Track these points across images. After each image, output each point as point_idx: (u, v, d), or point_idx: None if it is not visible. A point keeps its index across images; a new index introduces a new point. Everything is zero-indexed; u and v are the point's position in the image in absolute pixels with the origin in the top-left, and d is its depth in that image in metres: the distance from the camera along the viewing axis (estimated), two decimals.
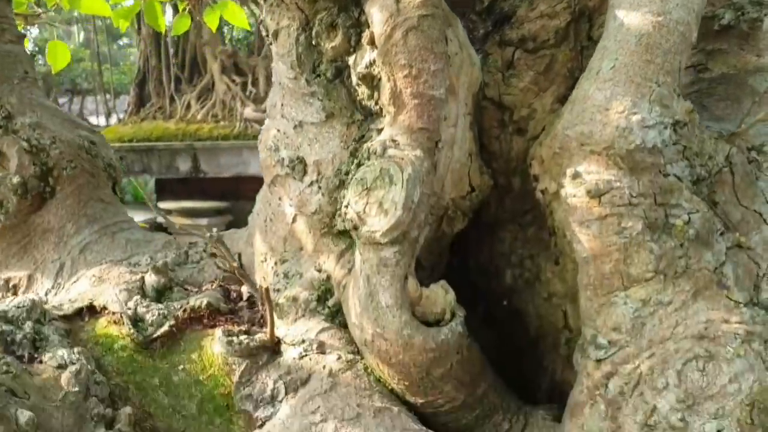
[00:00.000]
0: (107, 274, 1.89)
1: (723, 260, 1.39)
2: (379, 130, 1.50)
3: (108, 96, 13.79)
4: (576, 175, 1.37)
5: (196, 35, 11.54)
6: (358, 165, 1.47)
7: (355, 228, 1.41)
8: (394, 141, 1.41)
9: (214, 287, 1.91)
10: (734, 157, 1.50)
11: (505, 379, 1.72)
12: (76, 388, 1.39)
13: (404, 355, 1.44)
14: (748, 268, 1.42)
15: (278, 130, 1.72)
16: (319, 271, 1.71)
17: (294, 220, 1.74)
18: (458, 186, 1.54)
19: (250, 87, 10.38)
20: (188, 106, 10.99)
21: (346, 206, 1.42)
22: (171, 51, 11.38)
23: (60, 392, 1.38)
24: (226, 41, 11.66)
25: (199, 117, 10.61)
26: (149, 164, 9.98)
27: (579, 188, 1.37)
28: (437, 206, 1.51)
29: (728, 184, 1.49)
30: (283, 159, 1.70)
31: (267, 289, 1.56)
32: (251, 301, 1.88)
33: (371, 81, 1.46)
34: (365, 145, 1.49)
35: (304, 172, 1.68)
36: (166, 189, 10.11)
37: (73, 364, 1.42)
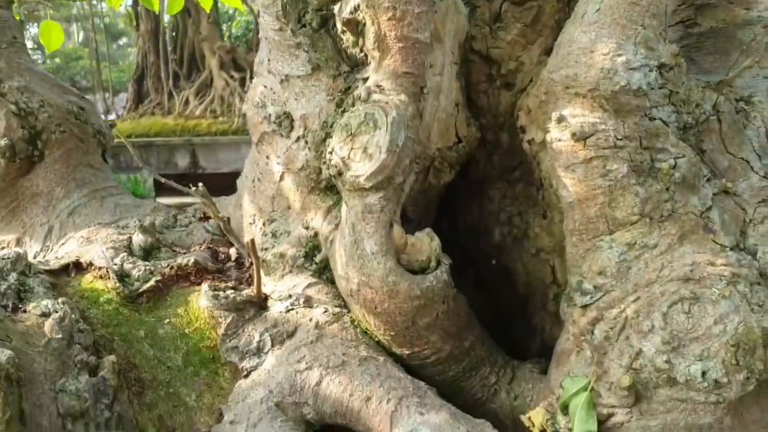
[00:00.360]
0: (95, 235, 1.88)
1: (709, 205, 1.38)
2: (365, 80, 1.50)
3: (107, 94, 13.78)
4: (561, 119, 1.36)
5: (194, 31, 11.55)
6: (343, 112, 1.47)
7: (340, 174, 1.40)
8: (379, 86, 1.40)
9: (202, 249, 1.91)
10: (722, 105, 1.49)
11: (496, 342, 1.71)
12: (60, 335, 1.38)
13: (389, 304, 1.43)
14: (735, 213, 1.41)
15: (265, 87, 1.72)
16: (307, 228, 1.70)
17: (281, 178, 1.74)
18: (445, 136, 1.53)
19: (248, 83, 10.36)
20: (187, 102, 10.99)
21: (331, 152, 1.42)
22: (169, 47, 11.39)
23: (43, 339, 1.37)
24: (225, 37, 11.66)
25: (197, 113, 10.62)
26: (148, 160, 9.98)
27: (564, 132, 1.36)
28: (423, 156, 1.50)
29: (715, 132, 1.48)
30: (269, 115, 1.70)
31: (252, 241, 1.55)
32: (239, 262, 1.88)
33: (356, 27, 1.46)
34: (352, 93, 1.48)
35: (291, 128, 1.67)
36: (164, 184, 10.12)
37: (57, 312, 1.42)
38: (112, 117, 13.19)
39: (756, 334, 1.26)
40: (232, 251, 1.91)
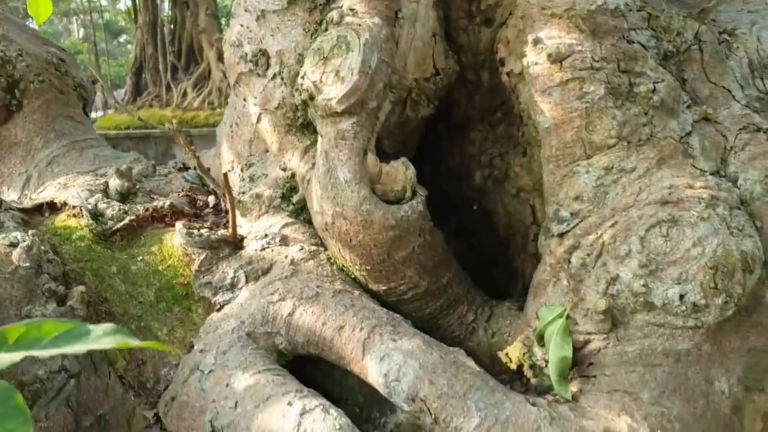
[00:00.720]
0: (72, 181, 1.85)
1: (689, 130, 1.35)
2: (340, 7, 1.47)
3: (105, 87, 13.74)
4: (537, 41, 1.34)
5: (192, 23, 11.53)
6: (316, 38, 1.44)
7: (312, 98, 1.38)
8: (352, 9, 1.38)
9: (180, 196, 1.88)
10: (703, 35, 1.47)
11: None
12: (27, 264, 1.36)
13: (364, 235, 1.40)
14: (716, 140, 1.38)
15: (241, 26, 1.69)
16: (284, 170, 1.68)
17: (259, 119, 1.71)
18: (422, 66, 1.51)
19: None
20: (185, 94, 10.98)
21: (303, 77, 1.39)
22: (167, 39, 11.37)
23: (10, 266, 1.35)
24: (223, 29, 11.64)
25: (195, 105, 10.61)
26: (145, 151, 9.97)
27: (540, 54, 1.34)
28: (400, 86, 1.47)
29: (697, 62, 1.45)
30: (246, 54, 1.67)
31: (225, 176, 1.52)
32: (217, 209, 1.85)
33: None
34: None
35: (267, 65, 1.65)
36: None
37: (25, 241, 1.39)
38: (110, 112, 13.17)
39: (735, 257, 1.24)
40: (210, 199, 1.89)
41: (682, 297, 1.24)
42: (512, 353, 1.45)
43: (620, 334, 1.29)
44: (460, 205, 1.87)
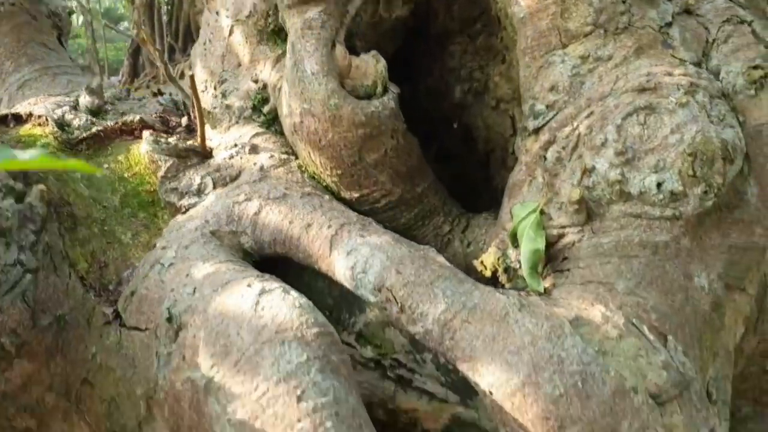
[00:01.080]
0: (43, 102, 1.81)
1: (669, 21, 1.30)
2: None
3: (104, 70, 13.69)
4: None
5: (189, 4, 11.48)
6: None
7: None
8: None
9: (153, 117, 1.84)
10: None
11: None
12: None
13: (333, 133, 1.36)
14: (697, 33, 1.33)
15: None
16: (256, 81, 1.63)
17: (231, 32, 1.66)
18: None
19: None
20: (182, 75, 10.91)
21: None
22: (164, 20, 11.33)
23: None
24: None
25: None
26: None
27: None
28: None
29: None
30: None
31: (192, 78, 1.48)
32: (189, 129, 1.81)
33: None
34: None
35: None
36: None
37: None
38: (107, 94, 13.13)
39: (715, 145, 1.19)
40: (183, 120, 1.84)
41: (659, 185, 1.19)
42: (487, 260, 1.40)
43: (595, 226, 1.24)
44: (441, 126, 1.82)
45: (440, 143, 1.88)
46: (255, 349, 1.02)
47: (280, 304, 1.06)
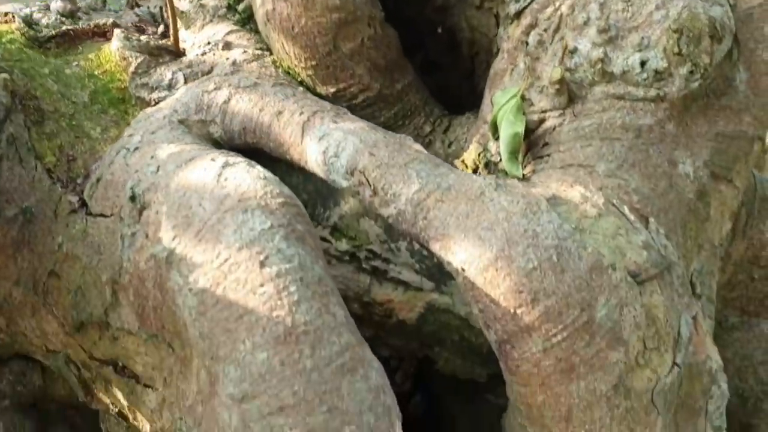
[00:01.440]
0: (12, 4, 1.75)
1: None
2: None
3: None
4: None
5: None
6: None
7: None
8: None
9: (129, 25, 1.78)
10: None
11: None
12: None
13: (306, 19, 1.30)
14: None
15: None
16: None
17: None
18: None
19: None
20: None
21: None
22: None
23: None
24: None
25: None
26: None
27: None
28: None
29: None
30: None
31: None
32: (164, 35, 1.75)
33: None
34: None
35: None
36: None
37: None
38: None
39: (702, 22, 1.14)
40: (160, 28, 1.78)
41: (643, 64, 1.14)
42: (468, 158, 1.36)
43: (577, 109, 1.19)
44: (426, 33, 1.75)
45: (425, 53, 1.82)
46: (217, 218, 0.98)
47: (244, 176, 1.02)
